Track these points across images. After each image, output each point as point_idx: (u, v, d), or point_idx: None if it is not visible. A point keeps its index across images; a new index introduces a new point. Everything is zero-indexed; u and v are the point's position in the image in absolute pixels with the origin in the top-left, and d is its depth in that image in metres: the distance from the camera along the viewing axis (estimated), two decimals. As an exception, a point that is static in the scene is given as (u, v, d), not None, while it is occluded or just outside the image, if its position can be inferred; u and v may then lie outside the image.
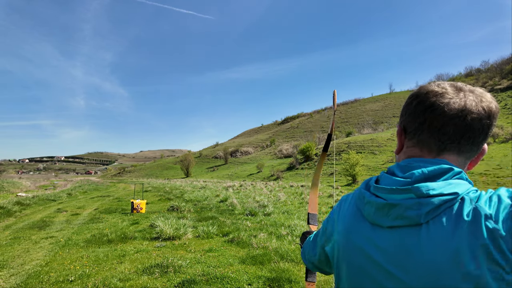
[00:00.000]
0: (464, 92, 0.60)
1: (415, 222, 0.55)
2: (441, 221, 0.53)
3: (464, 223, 0.51)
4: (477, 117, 0.57)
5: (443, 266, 0.50)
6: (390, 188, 0.60)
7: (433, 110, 0.60)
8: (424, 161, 0.61)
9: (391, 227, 0.58)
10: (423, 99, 0.62)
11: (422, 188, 0.55)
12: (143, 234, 6.52)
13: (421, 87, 0.65)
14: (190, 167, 78.76)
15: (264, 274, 3.95)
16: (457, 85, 0.62)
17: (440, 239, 0.52)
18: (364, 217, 0.65)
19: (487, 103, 0.59)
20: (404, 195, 0.57)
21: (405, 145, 0.67)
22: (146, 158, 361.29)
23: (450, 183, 0.55)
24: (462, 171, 0.58)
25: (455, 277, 0.49)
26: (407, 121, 0.65)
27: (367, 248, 0.61)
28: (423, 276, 0.52)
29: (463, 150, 0.61)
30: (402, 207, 0.56)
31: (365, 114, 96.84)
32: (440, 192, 0.54)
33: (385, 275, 0.58)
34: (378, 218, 0.60)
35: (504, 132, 33.82)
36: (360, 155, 33.45)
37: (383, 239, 0.59)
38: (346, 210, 0.71)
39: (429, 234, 0.53)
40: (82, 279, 3.94)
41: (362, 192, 0.67)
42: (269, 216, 8.59)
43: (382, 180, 0.64)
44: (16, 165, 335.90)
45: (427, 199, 0.54)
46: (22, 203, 12.23)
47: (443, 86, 0.62)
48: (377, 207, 0.61)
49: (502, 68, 68.93)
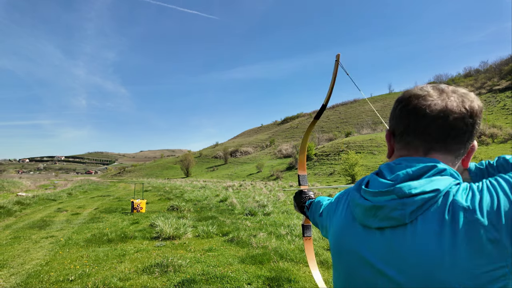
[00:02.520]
0: (447, 93, 0.62)
1: (401, 222, 0.56)
2: (426, 219, 0.54)
3: (446, 218, 0.52)
4: (459, 116, 0.59)
5: (432, 263, 0.51)
6: (374, 191, 0.62)
7: (416, 113, 0.62)
8: (412, 160, 0.62)
9: (379, 228, 0.60)
10: (407, 103, 0.64)
11: (404, 188, 0.57)
12: (143, 233, 6.53)
13: (405, 91, 0.67)
14: (190, 167, 78.78)
15: (264, 274, 3.96)
16: (439, 87, 0.64)
17: (426, 237, 0.53)
18: (355, 219, 0.67)
19: (469, 102, 0.60)
20: (387, 197, 0.59)
21: (395, 148, 0.69)
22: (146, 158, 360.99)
23: (432, 180, 0.56)
24: (447, 168, 0.58)
25: (444, 274, 0.50)
26: (394, 125, 0.67)
27: (360, 249, 0.64)
28: (414, 274, 0.53)
29: (450, 149, 0.62)
30: (388, 208, 0.58)
31: (364, 115, 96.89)
32: (422, 190, 0.55)
33: (378, 275, 0.59)
34: (367, 219, 0.63)
35: (503, 133, 33.83)
36: (359, 155, 33.46)
37: (373, 240, 0.61)
38: (341, 210, 0.74)
39: (415, 232, 0.54)
40: (82, 278, 3.95)
41: (353, 194, 0.69)
42: (269, 215, 8.60)
43: (371, 183, 0.66)
44: (16, 164, 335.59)
45: (410, 198, 0.56)
46: (22, 203, 12.21)
47: (425, 89, 0.64)
48: (365, 209, 0.63)
49: (501, 69, 68.87)
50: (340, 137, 68.76)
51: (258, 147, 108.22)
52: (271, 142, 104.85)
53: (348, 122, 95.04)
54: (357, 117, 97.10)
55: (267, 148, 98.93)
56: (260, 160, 73.88)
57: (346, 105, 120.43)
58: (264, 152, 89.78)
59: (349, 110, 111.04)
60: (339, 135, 73.67)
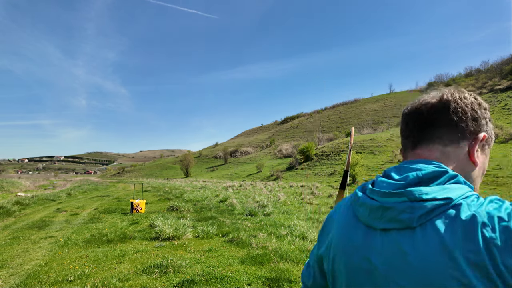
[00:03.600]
0: (433, 91, 0.67)
1: (408, 225, 0.55)
2: (434, 225, 0.52)
3: (459, 228, 0.50)
4: (431, 108, 0.63)
5: (436, 269, 0.50)
6: (383, 192, 0.60)
7: (403, 117, 0.69)
8: (418, 162, 0.62)
9: (384, 230, 0.58)
10: (402, 113, 0.71)
11: (415, 192, 0.55)
12: (143, 234, 6.51)
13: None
14: (190, 167, 78.74)
15: (264, 274, 3.94)
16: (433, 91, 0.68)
17: (433, 243, 0.51)
18: (358, 219, 0.65)
19: (448, 94, 0.63)
20: (397, 198, 0.57)
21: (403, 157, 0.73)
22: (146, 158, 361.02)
23: (444, 188, 0.55)
24: (458, 174, 0.57)
25: (447, 281, 0.49)
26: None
27: (363, 250, 0.62)
28: (417, 278, 0.52)
29: (430, 138, 0.64)
30: (396, 210, 0.57)
31: (365, 114, 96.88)
32: (433, 197, 0.54)
33: (381, 277, 0.57)
34: (372, 220, 0.61)
35: (504, 133, 33.83)
36: (360, 155, 33.43)
37: (377, 241, 0.59)
38: (342, 212, 0.72)
39: (422, 237, 0.53)
40: (81, 279, 3.93)
41: (357, 194, 0.67)
42: (269, 216, 8.58)
43: (378, 184, 0.65)
44: (16, 164, 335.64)
45: (420, 203, 0.54)
46: (22, 203, 12.20)
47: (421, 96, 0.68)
48: (371, 209, 0.61)
49: (502, 69, 68.87)
50: (341, 137, 68.77)
51: (258, 147, 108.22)
52: (271, 142, 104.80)
53: (348, 122, 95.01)
54: (358, 117, 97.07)
55: (267, 148, 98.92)
56: (260, 160, 73.87)
57: (347, 105, 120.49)
58: (264, 152, 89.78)
59: (349, 110, 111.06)
60: (339, 135, 73.68)
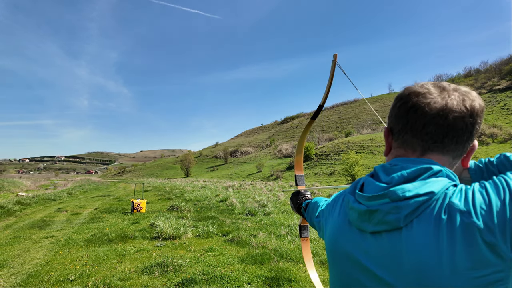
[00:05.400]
0: (447, 91, 0.59)
1: (396, 226, 0.55)
2: (421, 223, 0.53)
3: (442, 221, 0.50)
4: (459, 115, 0.56)
5: (428, 267, 0.50)
6: (368, 196, 0.60)
7: (415, 111, 0.60)
8: (407, 161, 0.61)
9: (374, 232, 0.59)
10: (406, 100, 0.62)
11: (398, 191, 0.55)
12: (143, 233, 6.53)
13: (405, 88, 0.65)
14: (190, 167, 78.78)
15: (264, 274, 3.96)
16: (440, 85, 0.61)
17: (421, 241, 0.52)
18: (351, 222, 0.66)
19: (470, 101, 0.58)
20: (381, 201, 0.58)
21: (392, 146, 0.67)
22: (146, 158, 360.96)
23: (427, 182, 0.55)
24: (442, 169, 0.57)
25: (440, 278, 0.49)
26: (393, 123, 0.65)
27: (355, 253, 0.62)
28: (410, 278, 0.53)
29: (448, 149, 0.59)
30: (382, 212, 0.57)
31: (364, 115, 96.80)
32: (416, 193, 0.54)
33: (373, 280, 0.58)
34: (361, 223, 0.61)
35: (503, 132, 33.81)
36: (359, 155, 33.46)
37: (369, 244, 0.60)
38: (337, 213, 0.73)
39: (410, 236, 0.53)
40: (82, 278, 3.95)
41: (347, 197, 0.68)
42: (269, 215, 8.60)
43: (366, 186, 0.65)
44: (17, 164, 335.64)
45: (404, 201, 0.54)
46: (23, 203, 12.22)
47: (426, 87, 0.61)
48: (359, 213, 0.62)
49: (501, 69, 68.74)
50: (340, 137, 68.74)
51: (258, 147, 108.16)
52: (271, 142, 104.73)
53: (348, 122, 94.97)
54: (357, 117, 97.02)
55: (267, 148, 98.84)
56: (260, 160, 73.85)
57: (346, 105, 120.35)
58: (264, 152, 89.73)
59: (349, 110, 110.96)
60: (339, 135, 73.63)
